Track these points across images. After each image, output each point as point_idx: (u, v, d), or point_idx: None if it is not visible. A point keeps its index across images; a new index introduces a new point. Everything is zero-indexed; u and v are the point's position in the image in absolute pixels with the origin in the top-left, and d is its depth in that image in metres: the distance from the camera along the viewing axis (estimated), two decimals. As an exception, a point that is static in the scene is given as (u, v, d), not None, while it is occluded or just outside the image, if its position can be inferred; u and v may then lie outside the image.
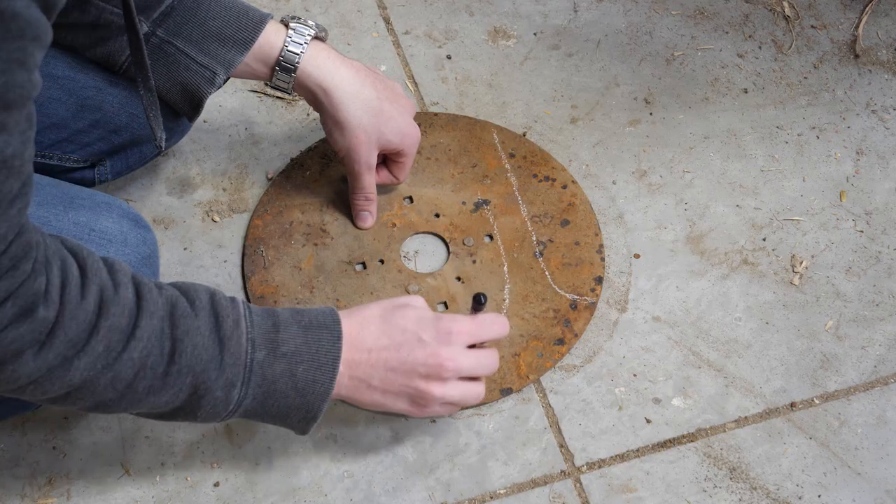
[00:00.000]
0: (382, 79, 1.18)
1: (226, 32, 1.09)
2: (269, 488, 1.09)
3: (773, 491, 1.10)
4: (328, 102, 1.13)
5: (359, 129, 1.14)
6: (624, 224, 1.28)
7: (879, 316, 1.22)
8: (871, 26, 1.46)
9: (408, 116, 1.18)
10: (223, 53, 1.09)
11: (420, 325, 0.98)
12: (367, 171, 1.18)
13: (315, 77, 1.12)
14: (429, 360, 0.97)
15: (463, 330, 0.99)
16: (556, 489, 1.09)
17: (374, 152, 1.17)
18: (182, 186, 1.29)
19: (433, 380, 0.98)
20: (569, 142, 1.34)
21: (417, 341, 0.97)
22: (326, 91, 1.13)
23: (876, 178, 1.32)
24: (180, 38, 1.08)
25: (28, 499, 1.07)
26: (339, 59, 1.14)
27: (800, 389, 1.16)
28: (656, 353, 1.18)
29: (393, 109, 1.16)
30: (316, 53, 1.12)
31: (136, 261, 1.03)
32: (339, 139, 1.16)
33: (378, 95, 1.15)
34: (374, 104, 1.14)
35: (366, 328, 0.97)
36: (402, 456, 1.11)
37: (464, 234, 1.25)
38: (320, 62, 1.12)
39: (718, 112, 1.37)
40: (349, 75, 1.13)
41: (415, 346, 0.97)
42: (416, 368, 0.97)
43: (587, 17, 1.46)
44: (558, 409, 1.14)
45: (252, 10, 1.11)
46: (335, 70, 1.12)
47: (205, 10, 1.08)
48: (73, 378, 0.83)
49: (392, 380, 0.97)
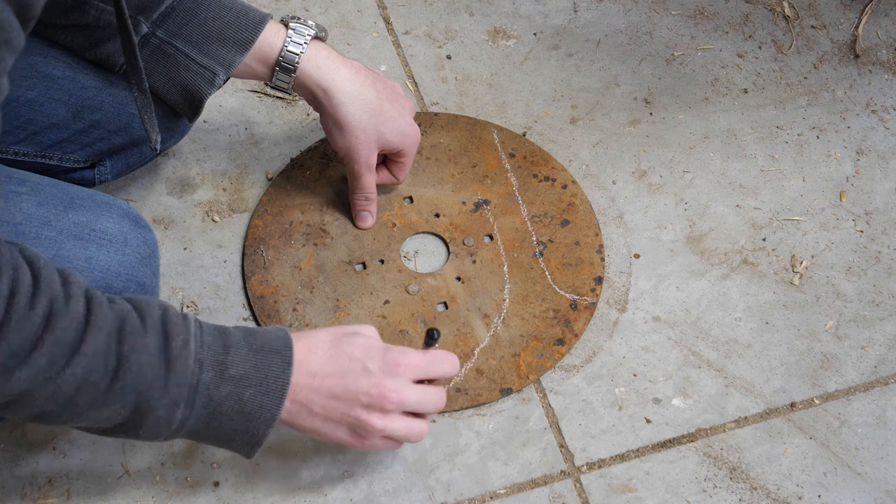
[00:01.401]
0: (382, 79, 1.18)
1: (226, 33, 1.09)
2: (269, 488, 1.09)
3: (773, 491, 1.10)
4: (328, 103, 1.13)
5: (358, 129, 1.14)
6: (624, 224, 1.28)
7: (879, 316, 1.22)
8: (871, 26, 1.46)
9: (408, 116, 1.18)
10: (223, 54, 1.09)
11: (368, 354, 0.96)
12: (366, 171, 1.18)
13: (315, 77, 1.12)
14: (372, 391, 0.95)
15: (411, 363, 0.97)
16: (556, 489, 1.09)
17: (374, 152, 1.17)
18: (182, 186, 1.29)
19: (375, 411, 0.95)
20: (569, 142, 1.34)
21: (363, 370, 0.95)
22: (326, 91, 1.13)
23: (876, 178, 1.32)
24: (180, 39, 1.08)
25: (28, 499, 1.07)
26: (338, 60, 1.14)
27: (800, 389, 1.16)
28: (656, 353, 1.18)
29: (393, 109, 1.16)
30: (315, 54, 1.12)
31: (136, 261, 1.03)
32: (338, 139, 1.16)
33: (378, 95, 1.15)
34: (374, 104, 1.14)
35: (314, 353, 0.95)
36: (402, 456, 1.11)
37: (464, 234, 1.25)
38: (320, 62, 1.12)
39: (718, 112, 1.37)
40: (349, 75, 1.13)
41: (360, 375, 0.95)
42: (359, 397, 0.95)
43: (587, 17, 1.46)
44: (558, 409, 1.14)
45: (252, 10, 1.11)
46: (335, 70, 1.12)
47: (205, 11, 1.08)
48: (13, 389, 0.81)
49: (334, 407, 0.95)
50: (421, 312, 1.19)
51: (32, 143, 1.10)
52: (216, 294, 1.21)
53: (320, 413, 0.95)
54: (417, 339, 1.17)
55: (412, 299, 1.20)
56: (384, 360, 0.96)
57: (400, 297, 1.20)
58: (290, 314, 1.19)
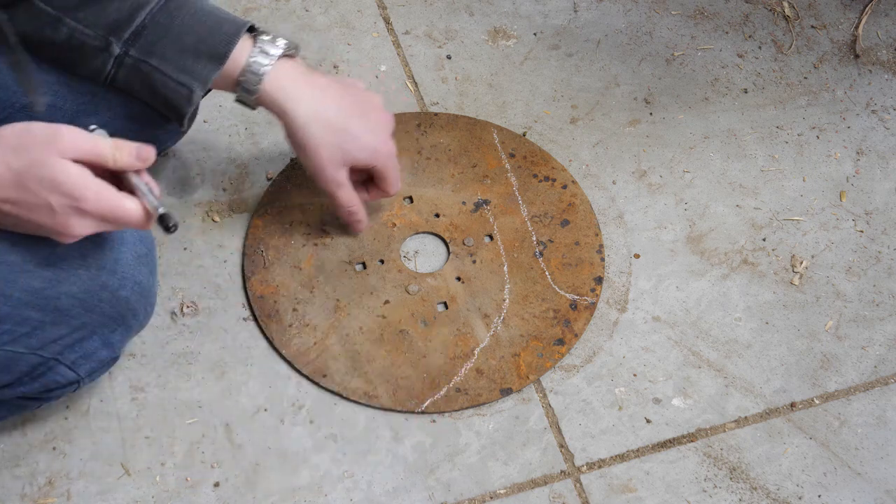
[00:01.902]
0: (356, 94, 1.15)
1: (200, 47, 1.07)
2: (269, 488, 1.09)
3: (773, 491, 1.10)
4: (288, 124, 1.12)
5: (320, 149, 1.12)
6: (624, 224, 1.28)
7: (879, 316, 1.22)
8: (871, 26, 1.46)
9: (381, 133, 1.15)
10: (198, 69, 1.07)
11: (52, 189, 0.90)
12: (338, 189, 1.16)
13: (274, 99, 1.10)
14: (57, 227, 0.91)
15: (101, 210, 0.91)
16: (556, 489, 1.09)
17: (340, 170, 1.14)
18: (182, 186, 1.29)
19: (63, 235, 0.92)
20: (569, 142, 1.34)
21: (47, 208, 0.90)
22: (285, 113, 1.11)
23: (876, 178, 1.32)
24: (155, 57, 1.06)
25: (28, 499, 1.07)
26: (303, 79, 1.11)
27: (800, 389, 1.16)
28: (656, 353, 1.18)
29: (360, 126, 1.13)
30: (279, 74, 1.09)
31: (133, 259, 1.03)
32: (303, 160, 1.14)
33: (342, 113, 1.12)
34: (339, 123, 1.12)
35: None
36: (402, 456, 1.11)
37: (464, 234, 1.25)
38: (281, 84, 1.09)
39: (718, 112, 1.37)
40: (309, 96, 1.11)
41: (43, 212, 0.90)
42: (43, 230, 0.92)
43: (587, 17, 1.46)
44: (558, 409, 1.14)
45: (227, 21, 1.08)
46: (295, 92, 1.10)
47: (178, 25, 1.06)
48: None
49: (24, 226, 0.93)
50: (421, 312, 1.19)
51: None
52: (216, 294, 1.21)
53: (12, 225, 0.93)
54: (418, 339, 1.17)
55: (412, 299, 1.20)
56: (69, 200, 0.90)
57: (400, 297, 1.20)
58: (290, 314, 1.19)
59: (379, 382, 1.15)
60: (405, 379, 1.15)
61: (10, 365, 0.99)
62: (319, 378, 1.15)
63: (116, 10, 1.04)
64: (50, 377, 1.01)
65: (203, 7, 1.07)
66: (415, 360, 1.16)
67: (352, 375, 1.15)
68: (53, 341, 0.99)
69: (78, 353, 1.01)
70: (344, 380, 1.15)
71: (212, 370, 1.16)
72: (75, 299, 0.99)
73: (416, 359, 1.16)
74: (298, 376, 1.16)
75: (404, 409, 1.14)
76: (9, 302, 0.96)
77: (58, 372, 1.01)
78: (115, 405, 1.13)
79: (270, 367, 1.16)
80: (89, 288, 1.00)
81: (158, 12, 1.05)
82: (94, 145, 0.91)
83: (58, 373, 1.01)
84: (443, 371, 1.15)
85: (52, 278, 0.98)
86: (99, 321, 1.01)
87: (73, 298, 0.99)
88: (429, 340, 1.17)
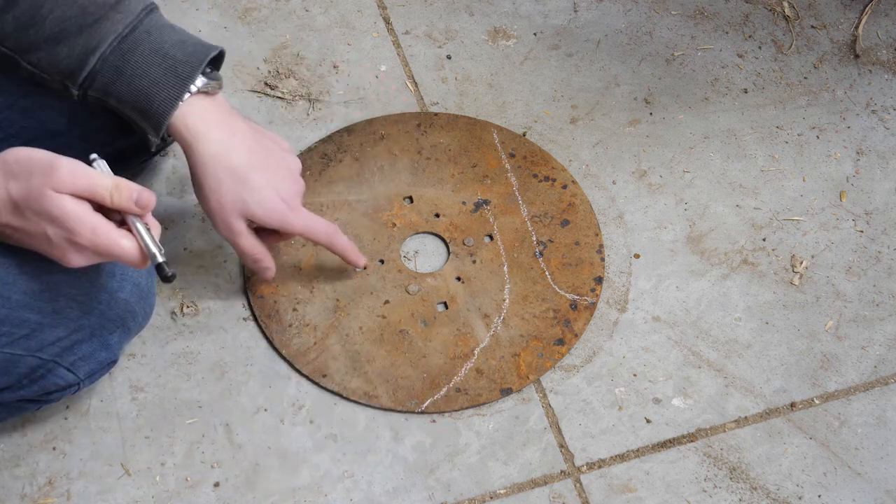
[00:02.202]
0: (270, 148, 1.10)
1: (152, 92, 1.03)
2: (269, 488, 1.09)
3: (773, 491, 1.10)
4: (189, 161, 1.08)
5: (216, 194, 1.07)
6: (624, 224, 1.28)
7: (879, 316, 1.22)
8: (871, 26, 1.46)
9: (284, 192, 1.09)
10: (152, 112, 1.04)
11: (51, 221, 0.90)
12: (236, 238, 1.10)
13: (182, 133, 1.06)
14: (55, 255, 0.92)
15: (95, 244, 0.91)
16: (556, 489, 1.09)
17: (236, 220, 1.08)
18: (182, 186, 1.29)
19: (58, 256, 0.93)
20: (569, 142, 1.34)
21: (47, 241, 0.91)
22: (189, 151, 1.07)
23: (876, 178, 1.32)
24: (112, 98, 1.04)
25: (28, 499, 1.07)
26: (215, 119, 1.06)
27: (800, 389, 1.16)
28: (656, 353, 1.18)
29: (262, 181, 1.08)
30: (189, 111, 1.05)
31: None
32: (200, 200, 1.10)
33: (249, 163, 1.07)
34: (240, 171, 1.06)
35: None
36: (402, 456, 1.11)
37: (464, 234, 1.25)
38: (190, 120, 1.05)
39: (718, 112, 1.37)
40: (217, 138, 1.06)
41: (44, 242, 0.91)
42: (45, 253, 0.93)
43: (587, 17, 1.46)
44: (558, 409, 1.14)
45: (181, 63, 1.04)
46: (203, 131, 1.05)
47: (132, 68, 1.02)
48: None
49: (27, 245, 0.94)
50: (421, 312, 1.19)
51: None
52: (216, 294, 1.21)
53: (18, 244, 0.94)
54: (418, 339, 1.17)
55: (412, 299, 1.20)
56: (66, 232, 0.90)
57: (400, 297, 1.20)
58: (290, 314, 1.19)
59: (379, 382, 1.15)
60: (405, 379, 1.15)
61: (8, 367, 0.98)
62: (319, 378, 1.15)
63: (67, 57, 1.01)
64: (49, 379, 1.01)
65: (160, 47, 1.03)
66: (415, 360, 1.16)
67: (352, 375, 1.15)
68: (52, 343, 0.99)
69: (77, 355, 1.01)
70: (344, 380, 1.15)
71: (212, 370, 1.16)
72: (74, 301, 0.99)
73: (416, 359, 1.16)
74: (298, 376, 1.16)
75: (404, 409, 1.14)
76: (7, 304, 0.96)
77: (57, 374, 1.01)
78: (115, 405, 1.13)
79: (270, 367, 1.16)
80: (88, 290, 0.99)
81: (111, 55, 1.02)
82: (90, 183, 0.90)
83: (57, 375, 1.01)
84: (443, 371, 1.15)
85: (50, 280, 0.98)
86: (98, 323, 1.00)
87: (71, 300, 0.99)
88: (429, 340, 1.17)
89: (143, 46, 1.02)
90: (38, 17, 1.00)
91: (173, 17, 1.35)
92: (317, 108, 1.36)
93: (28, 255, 0.96)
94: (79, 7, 1.01)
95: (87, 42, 1.01)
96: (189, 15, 1.43)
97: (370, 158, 1.30)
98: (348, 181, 1.28)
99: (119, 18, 1.01)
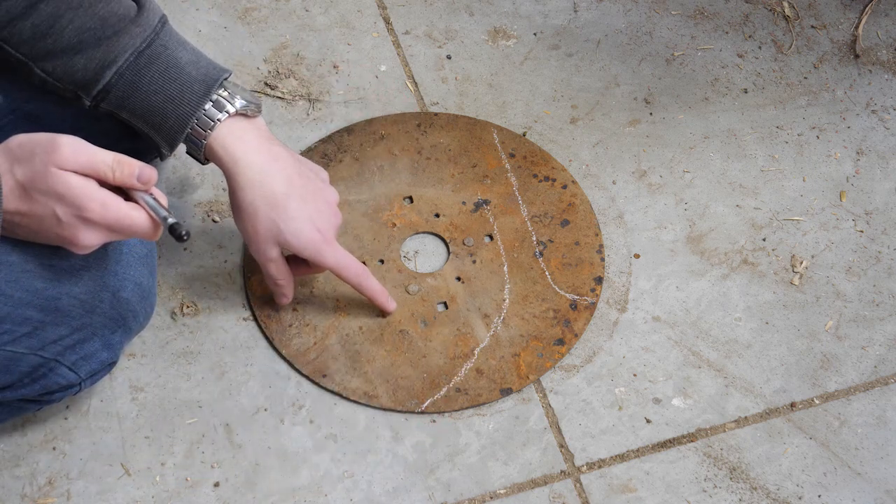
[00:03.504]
0: (308, 178, 1.09)
1: (167, 108, 1.03)
2: (269, 488, 1.09)
3: (773, 491, 1.10)
4: (229, 184, 1.07)
5: (255, 219, 1.06)
6: (624, 224, 1.28)
7: (879, 316, 1.22)
8: (871, 26, 1.46)
9: (321, 223, 1.08)
10: (165, 129, 1.04)
11: (61, 200, 0.90)
12: (267, 263, 1.10)
13: (220, 156, 1.05)
14: (65, 236, 0.92)
15: (107, 220, 0.91)
16: (556, 489, 1.09)
17: (271, 247, 1.08)
18: (182, 186, 1.29)
19: (74, 245, 0.93)
20: (569, 142, 1.34)
21: (55, 219, 0.91)
22: (228, 173, 1.06)
23: (876, 178, 1.32)
24: (125, 111, 1.03)
25: (28, 499, 1.07)
26: (253, 143, 1.06)
27: (800, 389, 1.16)
28: (656, 353, 1.18)
29: (301, 210, 1.07)
30: (228, 132, 1.04)
31: (134, 260, 1.03)
32: (237, 223, 1.09)
33: (287, 191, 1.06)
34: (279, 199, 1.06)
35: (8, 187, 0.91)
36: (402, 456, 1.11)
37: (464, 234, 1.25)
38: (229, 142, 1.04)
39: (718, 112, 1.37)
40: (259, 162, 1.05)
41: (53, 224, 0.91)
42: (55, 239, 0.93)
43: (587, 17, 1.46)
44: (558, 409, 1.14)
45: (197, 81, 1.03)
46: (242, 155, 1.05)
47: (147, 83, 1.02)
48: None
49: (36, 235, 0.94)
50: (421, 312, 1.19)
51: None
52: (216, 294, 1.21)
53: (27, 236, 0.94)
54: (418, 339, 1.17)
55: (412, 299, 1.20)
56: (74, 210, 0.90)
57: (400, 297, 1.20)
58: (290, 314, 1.19)
59: (379, 382, 1.15)
60: (405, 379, 1.15)
61: (10, 365, 0.98)
62: (319, 378, 1.15)
63: (83, 69, 1.01)
64: (51, 378, 1.01)
65: (175, 63, 1.03)
66: (415, 360, 1.16)
67: (352, 375, 1.15)
68: (54, 342, 0.99)
69: (78, 354, 1.01)
70: (344, 380, 1.15)
71: (212, 370, 1.16)
72: (76, 300, 0.99)
73: (416, 359, 1.16)
74: (298, 376, 1.16)
75: (404, 409, 1.14)
76: (10, 301, 0.96)
77: (58, 373, 1.01)
78: (115, 405, 1.13)
79: (270, 367, 1.16)
80: (90, 288, 1.00)
81: (126, 70, 1.01)
82: (91, 159, 0.90)
83: (58, 374, 1.01)
84: (443, 371, 1.15)
85: (53, 278, 0.98)
86: (100, 322, 1.00)
87: (74, 299, 0.99)
88: (429, 340, 1.17)
89: (159, 62, 1.02)
90: (57, 26, 1.00)
91: (173, 16, 1.35)
92: (317, 108, 1.36)
93: (31, 253, 0.96)
94: (99, 19, 1.00)
95: (104, 55, 1.01)
96: (189, 15, 1.43)
97: (370, 158, 1.30)
98: (348, 181, 1.28)
99: (137, 32, 1.01)
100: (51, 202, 0.90)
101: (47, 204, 0.90)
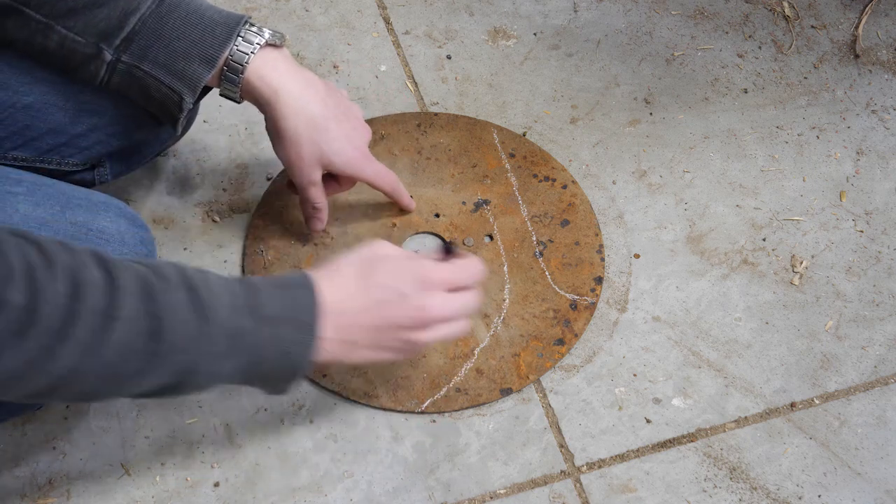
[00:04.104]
0: (338, 99, 1.13)
1: (191, 51, 1.05)
2: (269, 488, 1.09)
3: (773, 491, 1.10)
4: (270, 113, 1.09)
5: (299, 144, 1.10)
6: (624, 224, 1.28)
7: (879, 316, 1.22)
8: (871, 26, 1.46)
9: (358, 140, 1.13)
10: (189, 73, 1.05)
11: (398, 278, 0.96)
12: (309, 186, 1.14)
13: (258, 87, 1.08)
14: (413, 314, 0.96)
15: (442, 277, 0.98)
16: (556, 489, 1.09)
17: (315, 169, 1.13)
18: (182, 186, 1.29)
19: (419, 329, 0.97)
20: (569, 142, 1.34)
21: (399, 297, 0.96)
22: (269, 102, 1.09)
23: (876, 178, 1.32)
24: (146, 62, 1.05)
25: (28, 499, 1.07)
26: (287, 71, 1.09)
27: (800, 389, 1.16)
28: (656, 353, 1.18)
29: (339, 130, 1.11)
30: (262, 63, 1.07)
31: None
32: (279, 151, 1.12)
33: (325, 114, 1.10)
34: (319, 121, 1.10)
35: (344, 289, 0.94)
36: (402, 456, 1.11)
37: (464, 234, 1.25)
38: (265, 72, 1.07)
39: (718, 112, 1.37)
40: (296, 88, 1.09)
41: (397, 303, 0.96)
42: (402, 322, 0.96)
43: (587, 17, 1.46)
44: (558, 409, 1.14)
45: (219, 24, 1.05)
46: (280, 81, 1.08)
47: (170, 30, 1.04)
48: (59, 369, 0.79)
49: (379, 337, 0.96)
50: (421, 312, 1.19)
51: (30, 149, 1.10)
52: (216, 294, 1.21)
53: (367, 345, 0.96)
54: (417, 339, 1.17)
55: (412, 299, 1.20)
56: (416, 281, 0.97)
57: (400, 297, 1.20)
58: (290, 314, 1.19)
59: (379, 382, 1.15)
60: (405, 379, 1.15)
61: None
62: (319, 378, 1.15)
63: (106, 18, 1.03)
64: None
65: (197, 8, 1.05)
66: (415, 360, 1.16)
67: (352, 375, 1.15)
68: None
69: None
70: (344, 380, 1.15)
71: (212, 370, 1.16)
72: None
73: (416, 359, 1.16)
74: (298, 376, 1.16)
75: (404, 409, 1.14)
76: None
77: None
78: (116, 405, 1.13)
79: (270, 367, 1.16)
80: None
81: (149, 17, 1.03)
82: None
83: None
84: (443, 371, 1.15)
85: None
86: None
87: None
88: (429, 340, 1.17)
89: (180, 8, 1.04)
90: None
91: (173, 17, 1.35)
92: (317, 108, 1.36)
93: None
94: None
95: (126, 4, 1.03)
96: (189, 15, 1.43)
97: (370, 158, 1.30)
98: (348, 181, 1.28)
99: None
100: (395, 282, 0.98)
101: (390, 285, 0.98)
